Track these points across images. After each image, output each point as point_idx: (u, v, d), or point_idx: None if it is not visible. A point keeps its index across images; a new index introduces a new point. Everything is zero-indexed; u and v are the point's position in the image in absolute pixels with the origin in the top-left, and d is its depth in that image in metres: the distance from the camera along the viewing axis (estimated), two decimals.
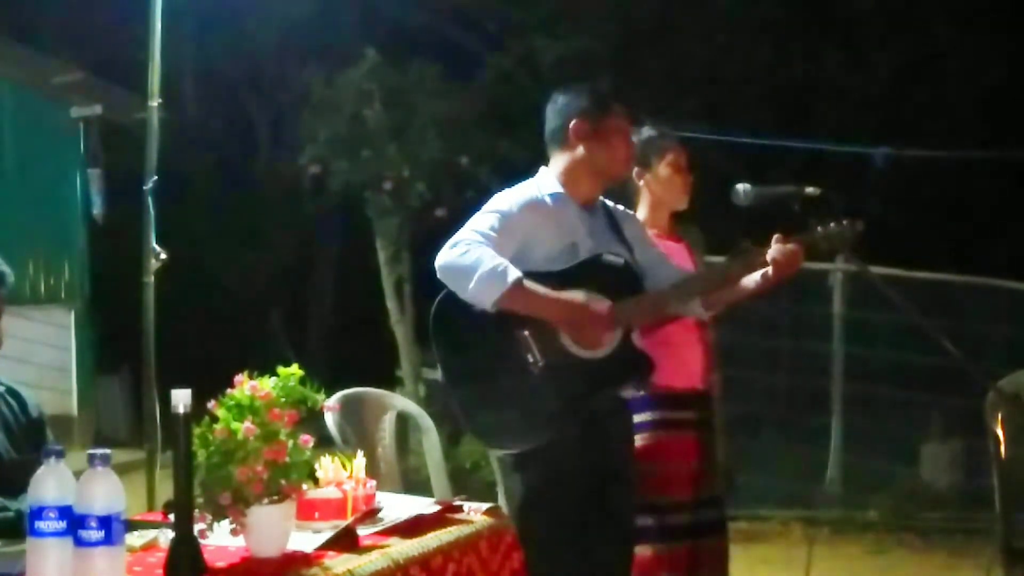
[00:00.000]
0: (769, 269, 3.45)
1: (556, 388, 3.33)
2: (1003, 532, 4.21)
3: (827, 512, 8.14)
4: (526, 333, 3.34)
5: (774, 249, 3.42)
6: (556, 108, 3.58)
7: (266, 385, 2.43)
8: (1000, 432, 4.16)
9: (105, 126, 10.80)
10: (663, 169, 3.95)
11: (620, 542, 3.52)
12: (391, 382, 9.48)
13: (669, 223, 4.02)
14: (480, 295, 3.25)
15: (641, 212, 3.96)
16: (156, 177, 4.55)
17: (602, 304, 3.34)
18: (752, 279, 3.55)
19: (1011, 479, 4.17)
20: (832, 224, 3.44)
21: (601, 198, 3.63)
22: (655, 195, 3.96)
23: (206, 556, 2.25)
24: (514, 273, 3.23)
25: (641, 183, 3.97)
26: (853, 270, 8.06)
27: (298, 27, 13.06)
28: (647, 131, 3.99)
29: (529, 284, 3.26)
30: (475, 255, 3.25)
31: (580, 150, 3.51)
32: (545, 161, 3.60)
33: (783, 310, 8.35)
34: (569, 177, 3.52)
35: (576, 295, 3.34)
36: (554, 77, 9.99)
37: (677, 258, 3.89)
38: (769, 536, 7.61)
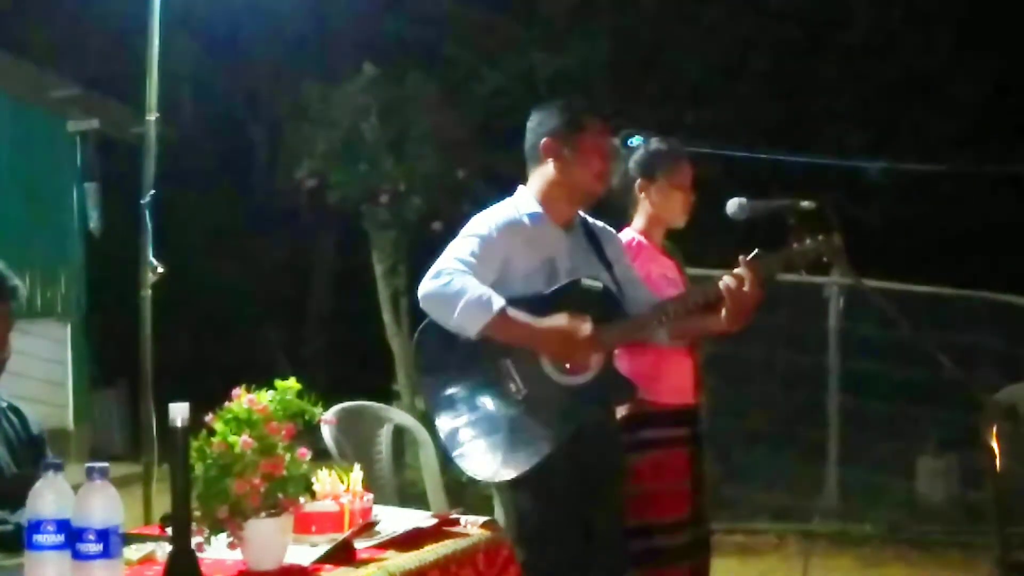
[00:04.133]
0: (725, 298, 3.36)
1: (539, 416, 3.32)
2: (999, 545, 4.21)
3: (823, 525, 8.14)
4: (508, 362, 3.34)
5: (727, 277, 3.35)
6: (531, 126, 3.56)
7: (264, 399, 2.44)
8: (995, 446, 4.16)
9: (102, 140, 10.82)
10: (666, 185, 3.87)
11: (612, 558, 3.51)
12: (388, 395, 9.47)
13: (663, 240, 3.96)
14: (464, 324, 3.24)
15: (637, 223, 3.92)
16: (154, 191, 4.56)
17: (586, 325, 3.31)
18: (718, 318, 3.45)
19: (1007, 493, 4.18)
20: (808, 240, 3.42)
21: (581, 214, 3.61)
22: (655, 209, 3.89)
23: (203, 570, 2.26)
24: (499, 302, 3.23)
25: (642, 195, 3.89)
26: (849, 283, 8.09)
27: (295, 41, 13.10)
28: (655, 142, 3.93)
29: (513, 313, 3.25)
30: (459, 284, 3.24)
31: (551, 168, 3.48)
32: (525, 177, 3.59)
33: (778, 324, 8.36)
34: (546, 195, 3.50)
35: (559, 319, 3.31)
36: (550, 92, 10.03)
37: (672, 274, 3.88)
38: (765, 550, 7.61)
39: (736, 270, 3.37)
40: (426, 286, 3.29)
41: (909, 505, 8.61)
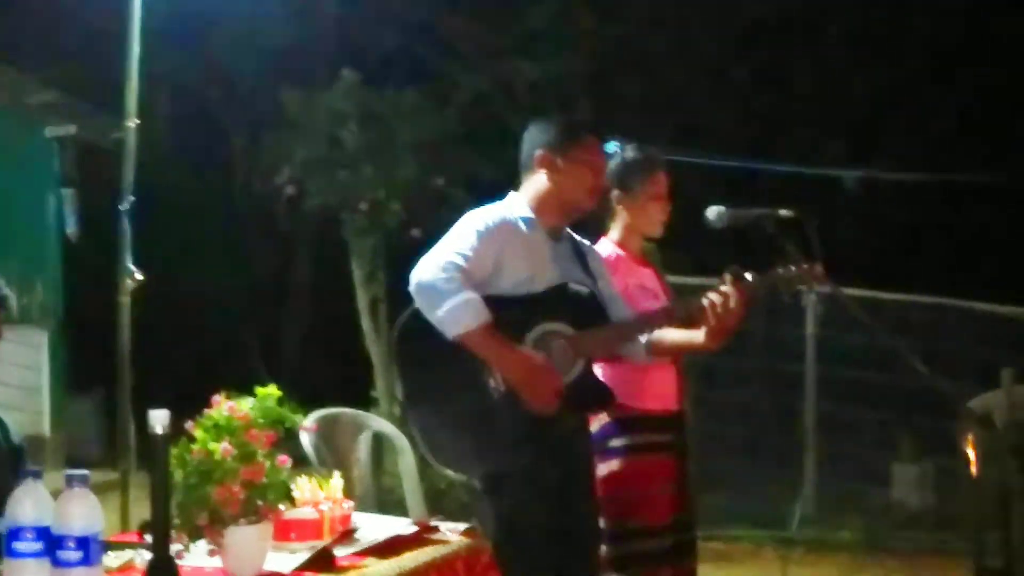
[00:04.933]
0: (709, 316, 3.37)
1: (516, 414, 3.32)
2: (975, 552, 4.25)
3: (800, 533, 8.16)
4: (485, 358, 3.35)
5: (711, 294, 3.36)
6: (527, 137, 3.59)
7: (244, 406, 2.44)
8: (971, 453, 4.20)
9: (80, 146, 10.76)
10: (643, 195, 3.86)
11: (587, 562, 3.53)
12: (366, 402, 9.46)
13: (640, 248, 3.95)
14: (447, 323, 3.24)
15: (614, 234, 3.91)
16: (133, 197, 4.55)
17: (559, 381, 3.33)
18: (699, 333, 3.47)
19: (982, 499, 4.21)
20: (793, 266, 3.43)
21: (567, 229, 3.63)
22: (631, 219, 3.88)
23: None
24: (485, 314, 3.24)
25: (619, 206, 3.88)
26: (826, 292, 8.12)
27: (275, 48, 13.08)
28: (630, 151, 3.90)
29: (495, 332, 3.27)
30: (455, 282, 3.25)
31: (544, 179, 3.51)
32: (517, 184, 3.62)
33: (757, 331, 8.39)
34: (537, 204, 3.52)
35: (539, 358, 3.34)
36: (529, 100, 10.06)
37: (651, 283, 3.89)
38: (742, 557, 7.63)
39: (722, 287, 3.38)
40: (423, 274, 3.28)
41: (885, 512, 8.65)
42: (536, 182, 3.53)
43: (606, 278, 3.66)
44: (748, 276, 3.40)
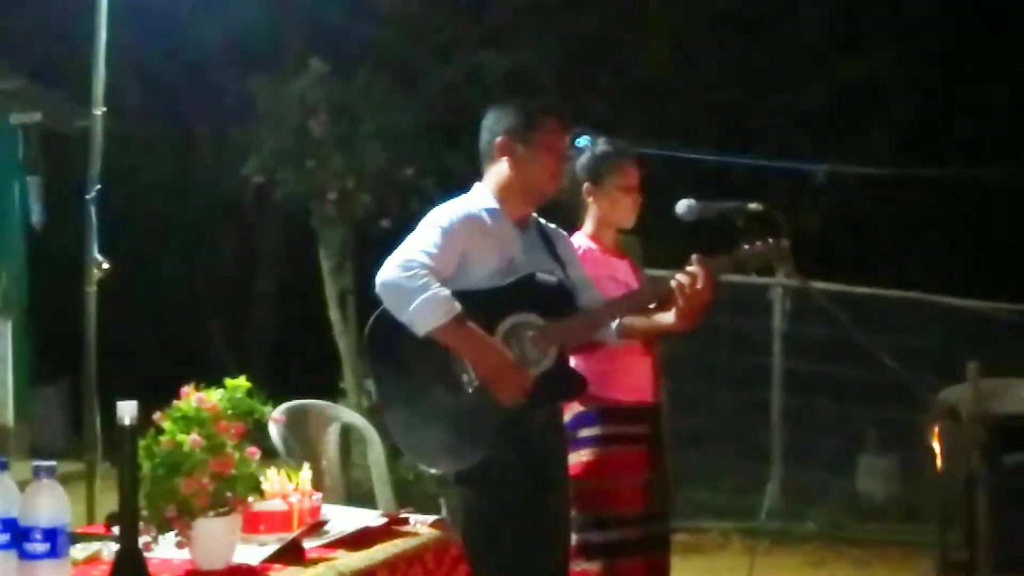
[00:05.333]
0: (677, 297, 3.41)
1: (490, 408, 3.32)
2: (940, 544, 4.28)
3: (766, 524, 8.21)
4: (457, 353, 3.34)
5: (679, 275, 3.40)
6: (486, 125, 3.58)
7: (213, 397, 2.43)
8: (937, 446, 4.23)
9: (44, 133, 10.67)
10: (613, 188, 3.89)
11: (557, 552, 3.53)
12: (334, 394, 9.43)
13: (615, 239, 4.00)
14: (417, 320, 3.23)
15: (587, 227, 3.95)
16: (99, 186, 4.51)
17: (529, 380, 3.34)
18: (668, 315, 3.50)
19: (948, 492, 4.25)
20: (759, 243, 3.46)
21: (534, 216, 3.63)
22: (603, 212, 3.92)
23: (151, 569, 2.24)
24: (456, 308, 3.24)
25: (590, 199, 3.92)
26: (793, 285, 8.18)
27: (243, 36, 12.99)
28: (601, 144, 3.94)
29: (468, 323, 3.27)
30: (422, 280, 3.24)
31: (506, 166, 3.51)
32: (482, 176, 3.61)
33: (723, 324, 8.42)
34: (501, 193, 3.52)
35: (511, 354, 3.34)
36: (499, 91, 10.04)
37: (623, 274, 3.91)
38: (709, 548, 7.67)
39: (689, 268, 3.40)
40: (389, 274, 3.27)
41: (851, 504, 8.72)
42: (498, 170, 3.53)
43: (575, 263, 3.68)
44: (712, 256, 3.44)
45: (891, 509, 8.57)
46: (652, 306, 3.59)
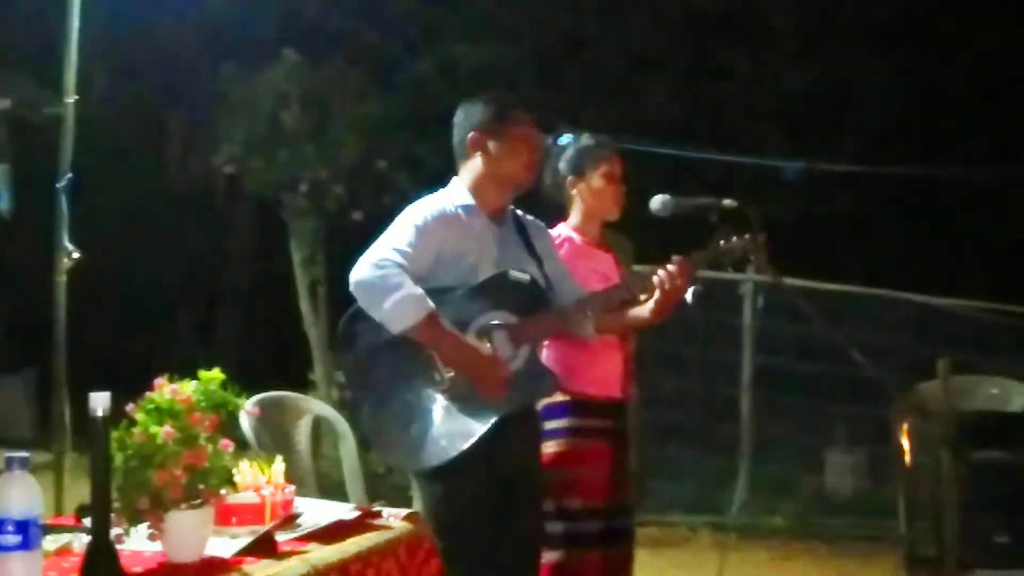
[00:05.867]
0: (656, 292, 3.49)
1: (461, 405, 3.32)
2: (907, 540, 4.31)
3: (734, 518, 8.26)
4: (432, 351, 3.34)
5: (661, 273, 3.46)
6: (457, 121, 3.59)
7: (187, 389, 2.42)
8: (905, 442, 4.26)
9: (13, 120, 10.56)
10: (597, 179, 3.95)
11: (528, 545, 3.54)
12: (303, 386, 9.40)
13: (600, 233, 4.04)
14: (391, 319, 3.23)
15: (573, 220, 3.99)
16: (70, 174, 4.48)
17: (506, 369, 3.35)
18: (645, 308, 3.60)
19: (915, 488, 4.28)
20: (734, 238, 3.50)
21: (512, 208, 3.63)
22: (587, 204, 3.97)
23: (122, 561, 2.22)
24: (429, 306, 3.24)
25: (574, 192, 3.98)
26: (763, 281, 8.21)
27: (215, 25, 12.89)
28: (585, 139, 4.01)
29: (441, 321, 3.27)
30: (396, 278, 3.24)
31: (479, 161, 3.52)
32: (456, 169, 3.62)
33: (694, 319, 8.43)
34: (476, 188, 3.52)
35: (486, 348, 3.35)
36: (472, 84, 10.02)
37: (604, 267, 3.93)
38: (678, 542, 7.70)
39: (670, 266, 3.45)
40: (362, 272, 3.27)
41: (819, 499, 8.77)
42: (473, 165, 3.53)
43: (554, 256, 3.69)
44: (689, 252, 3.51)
45: (859, 504, 8.62)
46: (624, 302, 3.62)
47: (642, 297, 3.64)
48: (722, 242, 3.49)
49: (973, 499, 3.86)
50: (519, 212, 3.67)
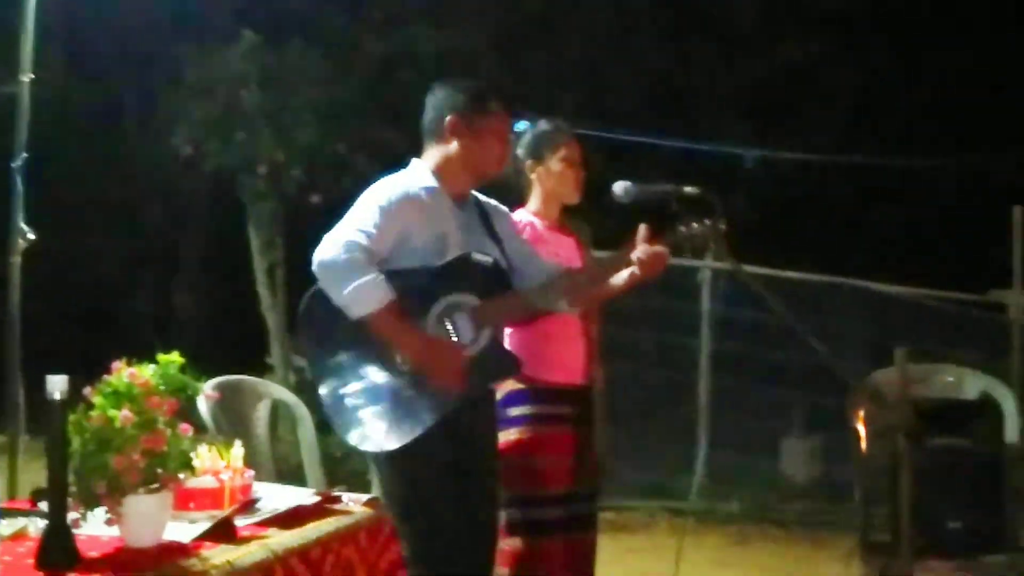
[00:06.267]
0: (635, 268, 3.49)
1: (424, 388, 3.31)
2: (862, 525, 4.35)
3: (691, 504, 8.30)
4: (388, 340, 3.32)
5: (640, 250, 3.46)
6: (434, 101, 3.56)
7: (145, 372, 2.39)
8: (861, 429, 4.29)
9: None
10: (555, 163, 3.97)
11: (486, 528, 3.54)
12: (260, 369, 9.35)
13: (560, 216, 4.04)
14: (351, 304, 3.22)
15: (532, 204, 4.00)
16: (26, 155, 4.43)
17: (458, 353, 3.34)
18: (618, 277, 3.62)
19: (871, 475, 4.31)
20: (695, 224, 3.51)
21: (473, 192, 3.63)
22: (547, 188, 3.98)
23: (79, 546, 2.21)
24: (389, 295, 3.22)
25: (533, 176, 3.99)
26: (722, 267, 8.25)
27: (174, 4, 12.75)
28: (542, 124, 4.02)
29: (397, 315, 3.25)
30: (360, 263, 3.22)
31: (455, 146, 3.50)
32: (420, 152, 3.59)
33: (652, 306, 8.47)
34: (443, 171, 3.50)
35: (443, 336, 3.34)
36: (434, 67, 9.97)
37: (566, 251, 3.93)
38: (635, 527, 7.74)
39: (650, 248, 3.45)
40: (327, 252, 3.24)
41: (775, 485, 8.84)
42: (445, 149, 3.52)
43: (516, 237, 3.69)
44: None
45: (815, 490, 8.70)
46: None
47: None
48: (682, 228, 3.50)
49: (928, 485, 3.90)
50: (479, 196, 3.67)
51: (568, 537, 3.86)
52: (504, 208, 3.76)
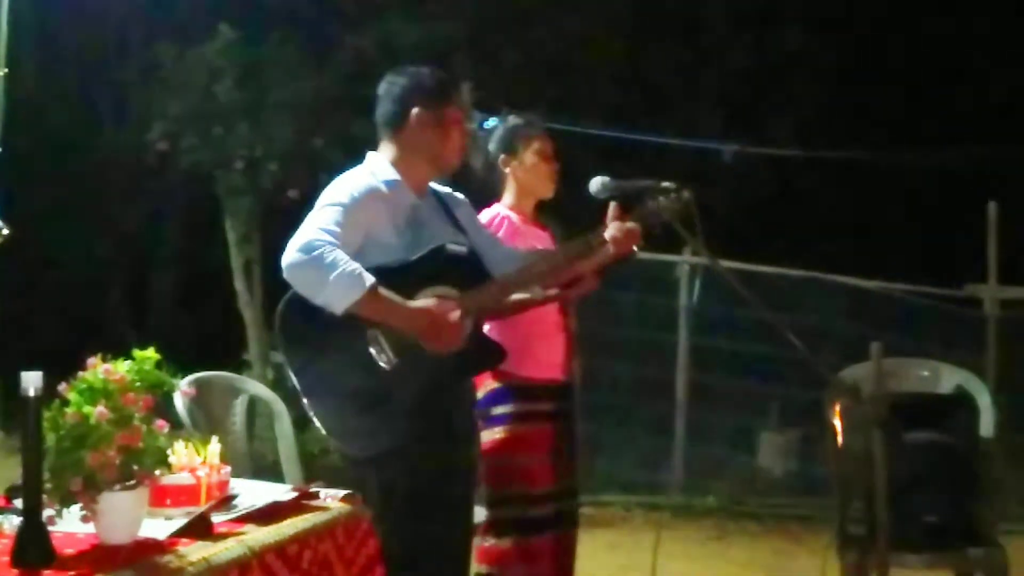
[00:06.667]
0: (609, 246, 3.50)
1: (409, 385, 3.27)
2: (839, 519, 4.37)
3: (668, 498, 8.33)
4: (377, 332, 3.26)
5: (613, 227, 3.47)
6: (393, 92, 3.49)
7: (121, 368, 2.37)
8: (837, 423, 4.30)
9: None
10: (529, 156, 3.97)
11: (463, 530, 3.54)
12: (237, 365, 9.32)
13: (534, 210, 4.04)
14: (332, 300, 3.13)
15: (507, 199, 3.99)
16: (1, 149, 4.39)
17: (456, 312, 3.29)
18: (594, 259, 3.61)
19: (847, 469, 4.33)
20: (662, 197, 3.52)
21: (431, 184, 3.57)
22: (521, 182, 3.98)
23: (54, 543, 2.19)
24: (369, 279, 3.14)
25: (507, 170, 3.99)
26: (699, 263, 8.27)
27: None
28: (514, 119, 4.02)
29: (383, 291, 3.18)
30: (329, 258, 3.12)
31: (418, 138, 3.44)
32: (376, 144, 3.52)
33: (630, 300, 8.49)
34: (404, 164, 3.44)
35: (429, 301, 3.28)
36: (410, 61, 9.94)
37: (542, 245, 3.92)
38: (613, 521, 7.75)
39: (622, 225, 3.48)
40: (292, 257, 3.15)
41: (752, 479, 8.87)
42: (405, 140, 3.45)
43: (476, 225, 3.66)
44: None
45: (791, 484, 8.75)
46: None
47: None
48: (650, 202, 3.51)
49: (904, 479, 3.91)
50: (435, 186, 3.60)
51: (557, 534, 3.87)
52: (461, 196, 3.69)
